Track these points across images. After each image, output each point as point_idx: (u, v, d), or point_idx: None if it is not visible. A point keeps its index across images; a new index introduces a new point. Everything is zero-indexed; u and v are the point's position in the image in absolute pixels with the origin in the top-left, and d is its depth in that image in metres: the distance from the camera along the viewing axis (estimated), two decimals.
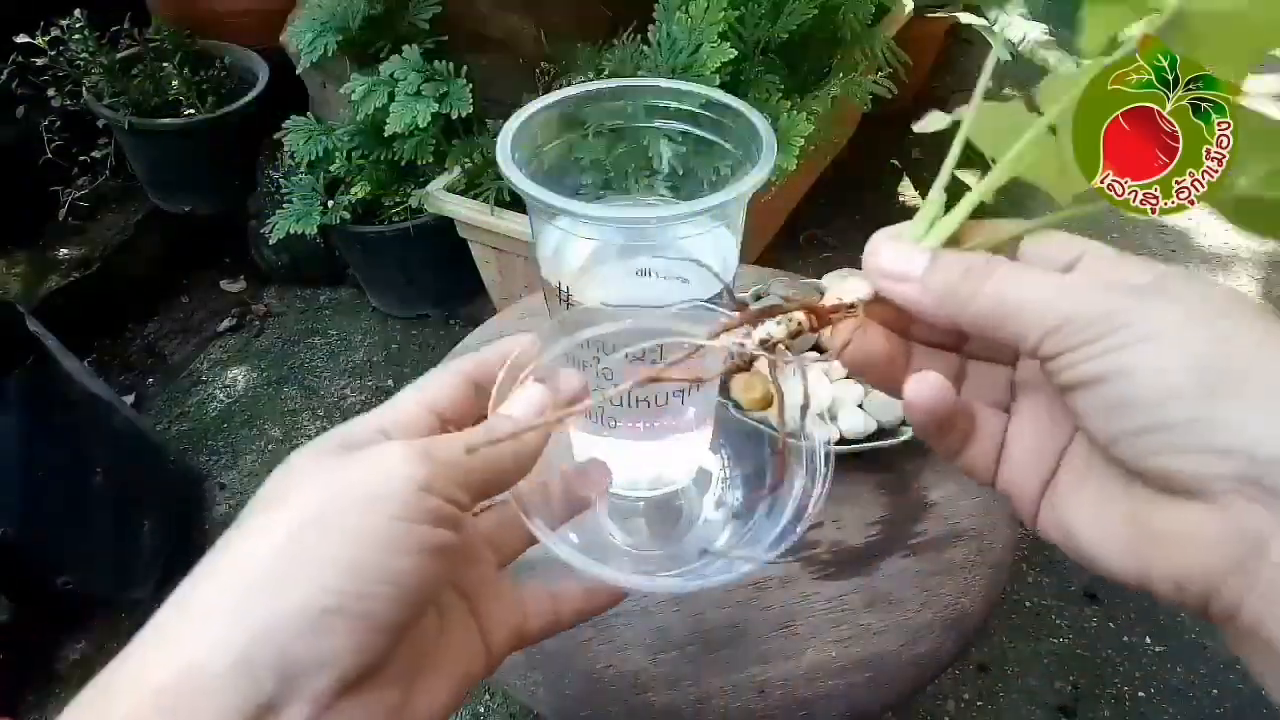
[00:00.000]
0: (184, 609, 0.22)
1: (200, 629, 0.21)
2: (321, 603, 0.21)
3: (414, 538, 0.23)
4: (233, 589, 0.22)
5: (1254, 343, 0.21)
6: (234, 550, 0.23)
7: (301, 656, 0.21)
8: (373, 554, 0.22)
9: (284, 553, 0.22)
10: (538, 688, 0.51)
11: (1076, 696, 1.05)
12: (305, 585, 0.22)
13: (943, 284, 0.25)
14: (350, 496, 0.23)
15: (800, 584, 0.54)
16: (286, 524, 0.23)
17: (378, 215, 1.33)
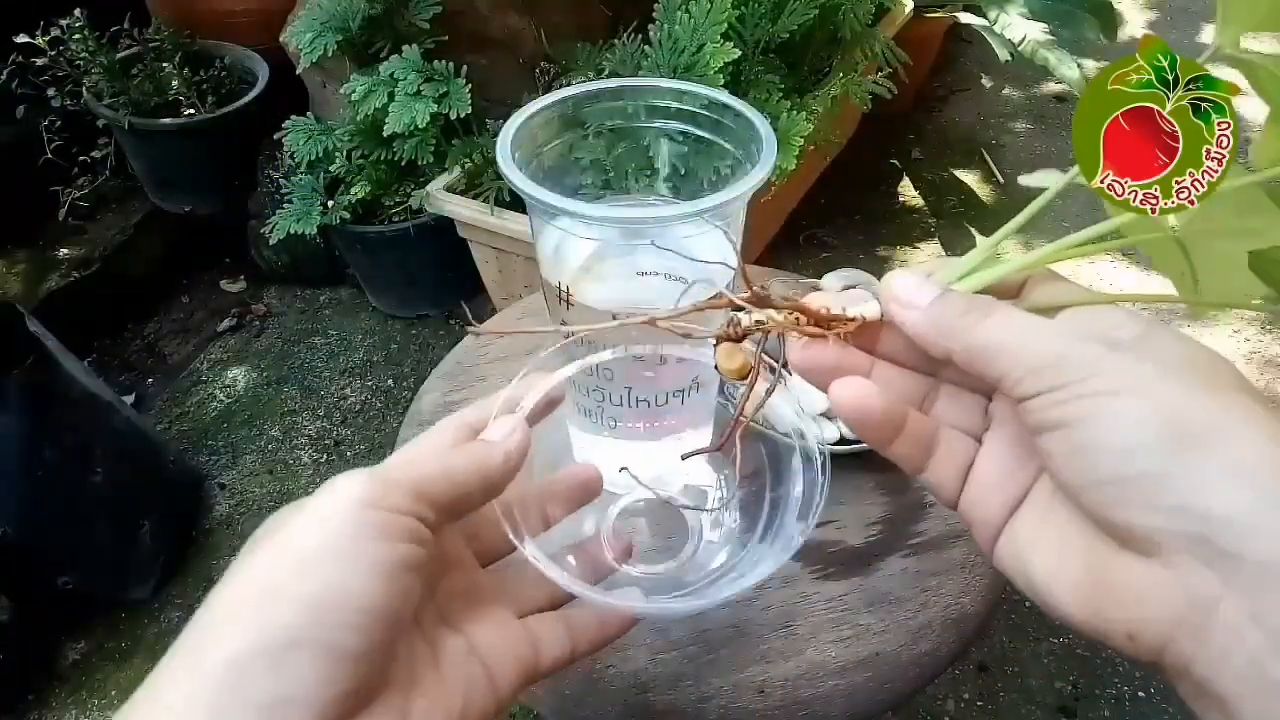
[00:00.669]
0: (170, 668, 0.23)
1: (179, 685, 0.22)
2: (284, 638, 0.22)
3: (367, 556, 0.24)
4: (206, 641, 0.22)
5: (1222, 405, 0.22)
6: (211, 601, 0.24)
7: (275, 695, 0.21)
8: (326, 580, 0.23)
9: (244, 597, 0.23)
10: (538, 688, 0.51)
11: (1076, 696, 1.05)
12: (266, 624, 0.22)
13: (944, 317, 0.26)
14: (304, 528, 0.24)
15: (800, 584, 0.54)
16: (252, 568, 0.23)
17: (378, 215, 1.33)
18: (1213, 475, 0.20)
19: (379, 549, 0.24)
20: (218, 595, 0.24)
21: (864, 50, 1.22)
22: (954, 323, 0.26)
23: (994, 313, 0.25)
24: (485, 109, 1.17)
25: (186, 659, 0.22)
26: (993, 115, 2.03)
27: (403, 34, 1.18)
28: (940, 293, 0.27)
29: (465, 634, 0.30)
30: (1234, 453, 0.21)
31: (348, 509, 0.24)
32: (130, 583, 1.13)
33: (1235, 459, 0.21)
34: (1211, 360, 0.23)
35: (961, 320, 0.26)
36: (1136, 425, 0.21)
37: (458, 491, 0.28)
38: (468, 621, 0.31)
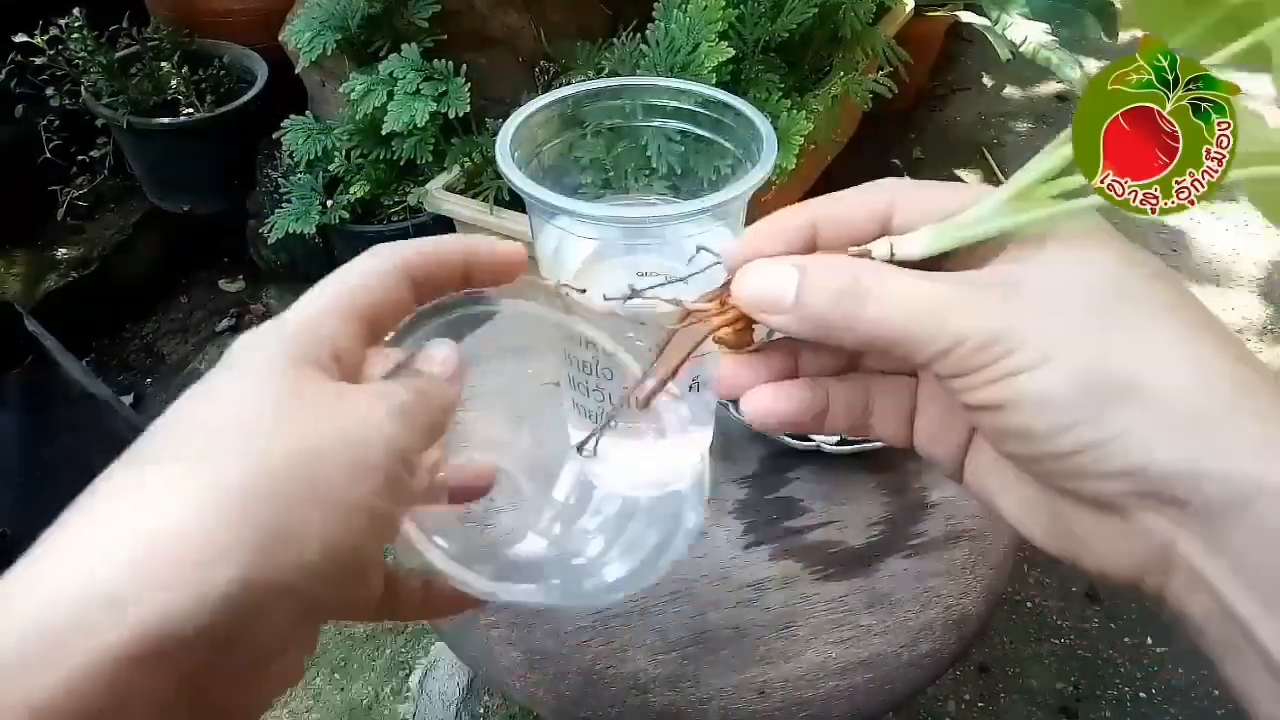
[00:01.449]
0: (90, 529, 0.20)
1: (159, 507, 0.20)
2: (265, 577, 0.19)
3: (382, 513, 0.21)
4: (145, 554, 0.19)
5: (1145, 344, 0.21)
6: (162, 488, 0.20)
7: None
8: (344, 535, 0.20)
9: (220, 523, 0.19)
10: (538, 688, 0.51)
11: (1077, 697, 1.05)
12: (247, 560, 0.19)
13: (816, 313, 0.23)
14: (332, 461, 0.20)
15: (801, 585, 0.54)
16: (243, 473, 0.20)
17: (377, 215, 1.33)
18: (1147, 431, 0.20)
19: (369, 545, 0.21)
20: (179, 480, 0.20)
21: (865, 49, 1.22)
22: (830, 319, 0.23)
23: (871, 293, 0.23)
24: (484, 108, 1.17)
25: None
26: (994, 115, 2.02)
27: (402, 33, 1.18)
28: (798, 278, 0.24)
29: None
30: (1162, 401, 0.20)
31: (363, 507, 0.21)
32: None
33: (1163, 408, 0.20)
34: (1120, 291, 0.22)
35: (837, 314, 0.23)
36: (1064, 400, 0.21)
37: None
38: None
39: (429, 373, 0.26)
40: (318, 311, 0.24)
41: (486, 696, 1.03)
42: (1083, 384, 0.21)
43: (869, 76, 1.19)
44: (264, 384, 0.21)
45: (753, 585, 0.53)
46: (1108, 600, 1.13)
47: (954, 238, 0.24)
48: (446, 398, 0.25)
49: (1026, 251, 0.23)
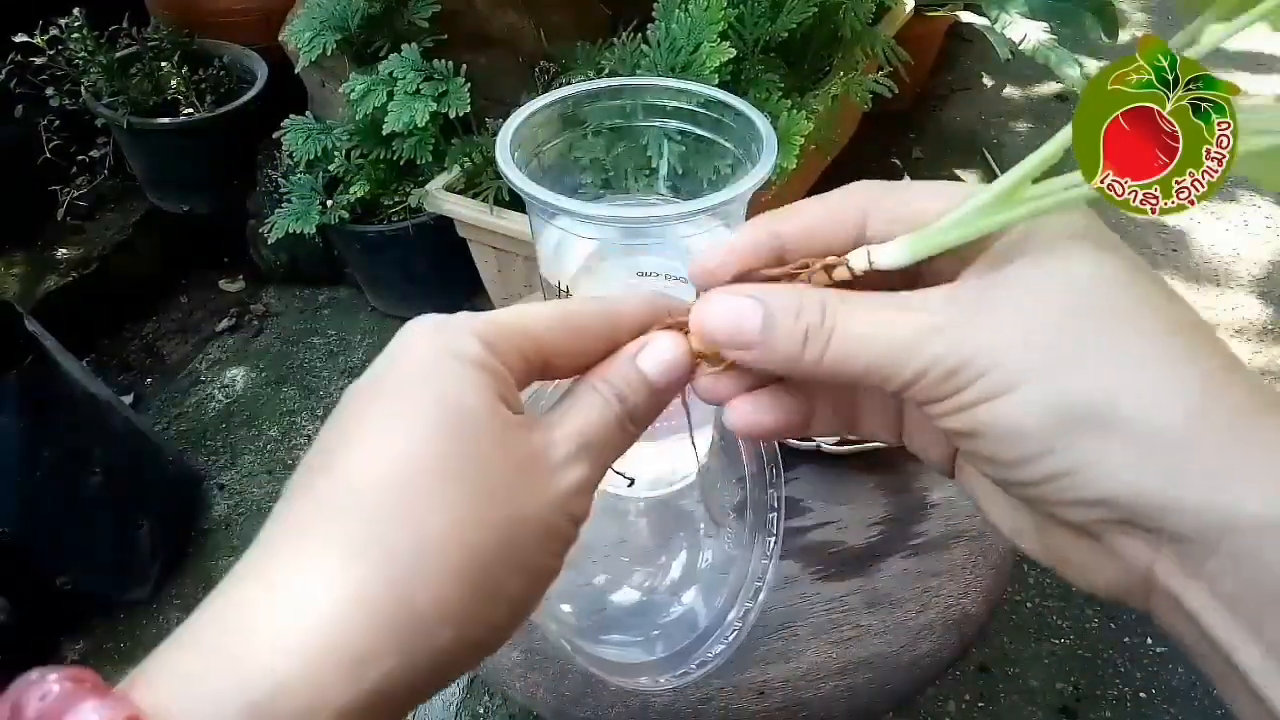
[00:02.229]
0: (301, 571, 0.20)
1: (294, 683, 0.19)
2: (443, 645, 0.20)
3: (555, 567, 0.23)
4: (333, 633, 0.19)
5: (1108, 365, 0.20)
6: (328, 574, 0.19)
7: (408, 698, 0.20)
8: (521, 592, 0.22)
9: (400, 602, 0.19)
10: (537, 689, 0.51)
11: (1078, 697, 1.05)
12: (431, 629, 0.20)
13: (785, 350, 0.23)
14: (518, 532, 0.21)
15: (800, 585, 0.54)
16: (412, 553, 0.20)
17: (377, 215, 1.33)
18: (1116, 460, 0.20)
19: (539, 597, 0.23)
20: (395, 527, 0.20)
21: (864, 49, 1.22)
22: (800, 355, 0.23)
23: (835, 331, 0.22)
24: (484, 108, 1.17)
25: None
26: (993, 114, 2.02)
27: (402, 33, 1.18)
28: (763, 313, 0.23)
29: None
30: (1130, 428, 0.20)
31: (545, 569, 0.23)
32: (129, 583, 1.13)
33: (1132, 436, 0.20)
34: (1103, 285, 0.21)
35: (807, 351, 0.23)
36: (1030, 430, 0.20)
37: None
38: None
39: (641, 380, 0.25)
40: (522, 330, 0.23)
41: (486, 697, 1.03)
42: (1049, 413, 0.20)
43: (869, 76, 1.19)
44: (464, 430, 0.21)
45: None
46: (1108, 601, 1.13)
47: (932, 244, 0.23)
48: (648, 416, 0.25)
49: (1001, 260, 0.22)
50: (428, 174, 1.20)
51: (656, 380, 0.24)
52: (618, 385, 0.24)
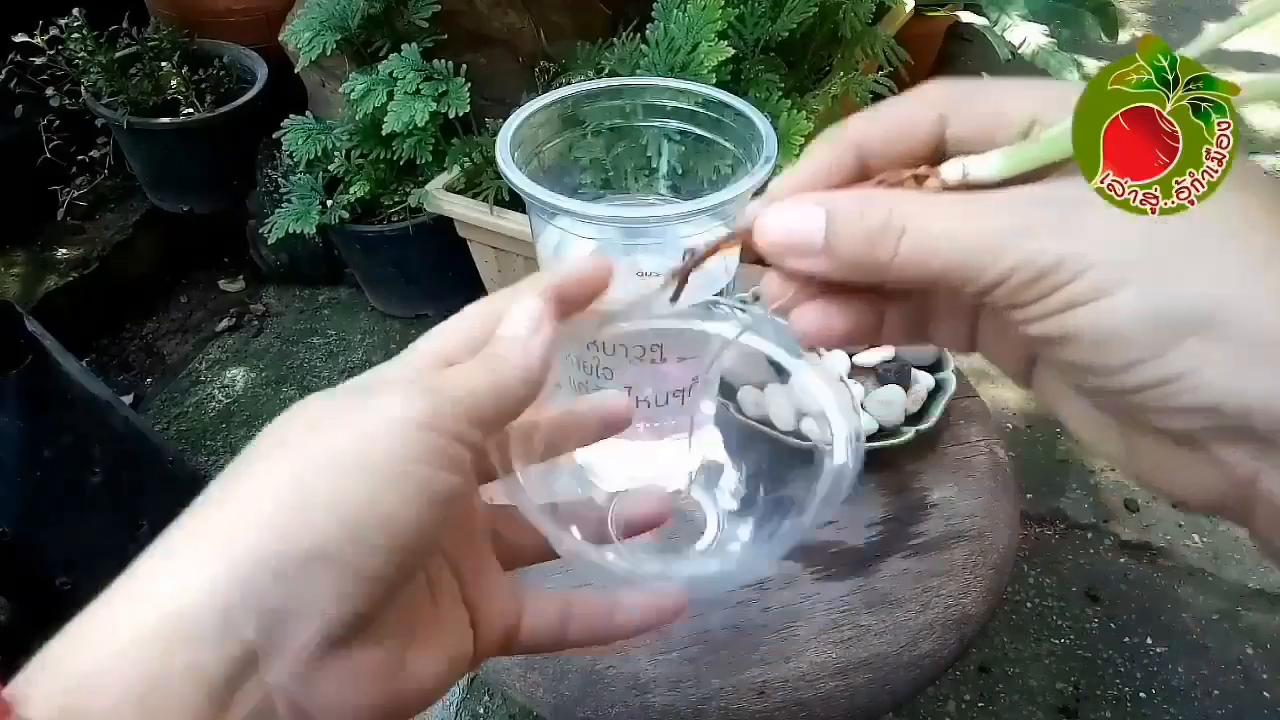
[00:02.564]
0: (169, 555, 0.21)
1: (184, 576, 0.20)
2: (308, 547, 0.20)
3: (413, 481, 0.22)
4: (220, 531, 0.21)
5: (1213, 267, 0.19)
6: (225, 494, 0.22)
7: (284, 604, 0.20)
8: (366, 498, 0.21)
9: (273, 496, 0.21)
10: (537, 689, 0.51)
11: (1077, 697, 1.05)
12: (292, 530, 0.20)
13: (849, 255, 0.22)
14: (347, 439, 0.22)
15: (800, 585, 0.54)
16: (280, 468, 0.22)
17: (377, 215, 1.33)
18: (1222, 365, 0.19)
19: (424, 476, 0.22)
20: (240, 483, 0.22)
21: (864, 49, 1.22)
22: (864, 261, 0.22)
23: (909, 225, 0.21)
24: (484, 108, 1.17)
25: (203, 543, 0.21)
26: None
27: (402, 33, 1.18)
28: (826, 217, 0.22)
29: (458, 573, 0.27)
30: (1237, 332, 0.19)
31: (398, 429, 0.22)
32: None
33: (1239, 339, 0.19)
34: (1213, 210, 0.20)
35: (875, 251, 0.21)
36: (1130, 334, 0.19)
37: (506, 409, 0.25)
38: (462, 558, 0.28)
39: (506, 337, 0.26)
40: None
41: (486, 697, 1.03)
42: (1150, 316, 0.19)
43: (869, 76, 1.19)
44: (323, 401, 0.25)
45: (753, 585, 0.54)
46: (1107, 600, 1.13)
47: (1032, 158, 0.21)
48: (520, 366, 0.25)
49: None
50: (428, 174, 1.20)
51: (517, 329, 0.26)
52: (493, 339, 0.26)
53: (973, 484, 0.59)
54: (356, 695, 0.22)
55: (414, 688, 0.24)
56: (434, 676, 0.25)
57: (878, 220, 0.21)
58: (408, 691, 0.24)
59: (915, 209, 0.21)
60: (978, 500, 0.58)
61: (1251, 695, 1.03)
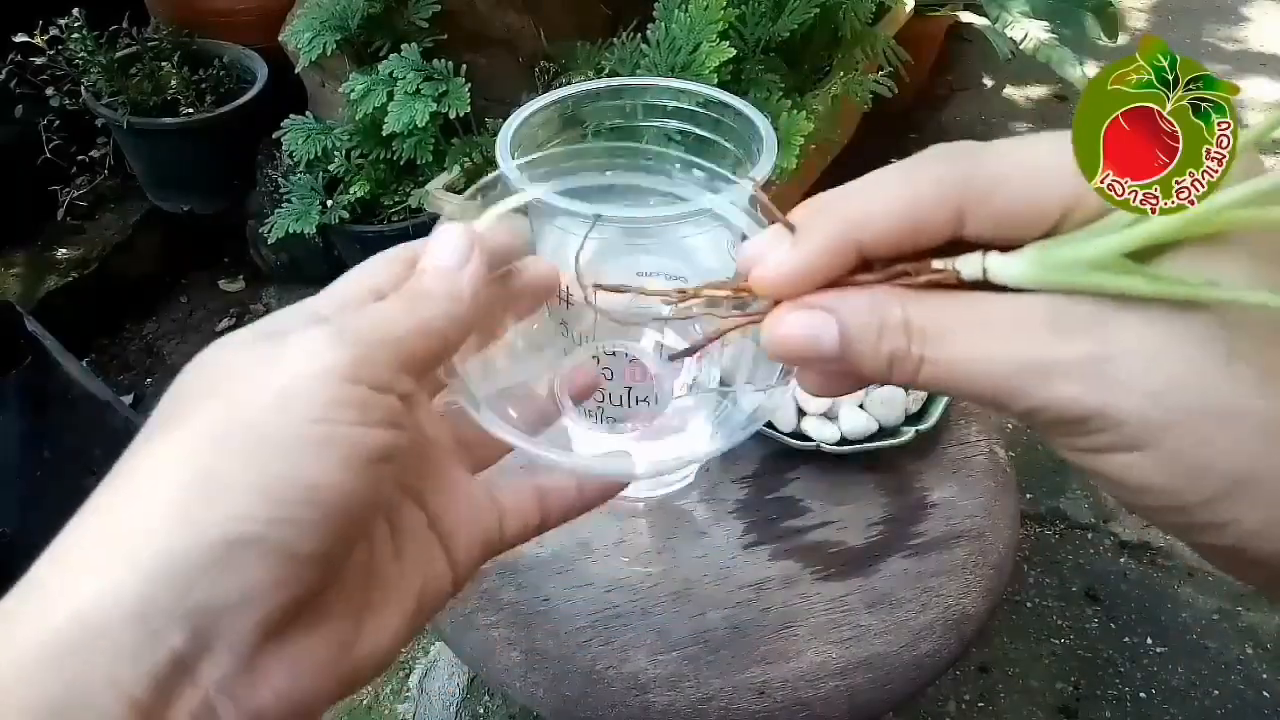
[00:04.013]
0: (66, 555, 0.18)
1: (87, 577, 0.18)
2: (228, 533, 0.18)
3: (342, 444, 0.19)
4: (122, 527, 0.18)
5: (1245, 427, 0.18)
6: (125, 479, 0.19)
7: (211, 599, 0.18)
8: (287, 469, 0.18)
9: (178, 478, 0.18)
10: (537, 689, 0.51)
11: (1078, 697, 1.05)
12: (207, 514, 0.18)
13: (870, 370, 0.21)
14: (259, 401, 0.19)
15: (800, 585, 0.54)
16: (185, 442, 0.19)
17: (377, 215, 1.33)
18: (1255, 525, 0.19)
19: (354, 436, 0.19)
20: (142, 463, 0.19)
21: (865, 49, 1.22)
22: (885, 377, 0.21)
23: (925, 355, 0.20)
24: (484, 108, 1.17)
25: (105, 543, 0.18)
26: (994, 115, 2.02)
27: (402, 33, 1.18)
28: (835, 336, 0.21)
29: (422, 503, 0.25)
30: (1270, 496, 0.18)
31: (318, 385, 0.19)
32: None
33: (1273, 504, 0.18)
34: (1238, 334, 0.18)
35: (893, 376, 0.21)
36: (1162, 489, 0.19)
37: (435, 348, 0.22)
38: (425, 485, 0.25)
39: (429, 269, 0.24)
40: None
41: (486, 696, 1.03)
42: (1183, 474, 0.19)
43: (869, 76, 1.19)
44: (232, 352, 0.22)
45: (753, 585, 0.53)
46: (1107, 600, 1.13)
47: (1065, 281, 0.19)
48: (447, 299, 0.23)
49: None
50: (428, 174, 1.20)
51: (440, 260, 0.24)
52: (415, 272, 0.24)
53: (973, 484, 0.59)
54: (306, 681, 0.20)
55: (369, 656, 0.22)
56: (399, 627, 0.23)
57: (896, 345, 0.20)
58: (363, 662, 0.22)
59: (933, 330, 0.20)
60: (978, 500, 0.58)
61: (1251, 695, 1.03)
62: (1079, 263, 0.19)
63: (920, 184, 0.21)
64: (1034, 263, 0.20)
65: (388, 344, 0.21)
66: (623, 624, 0.52)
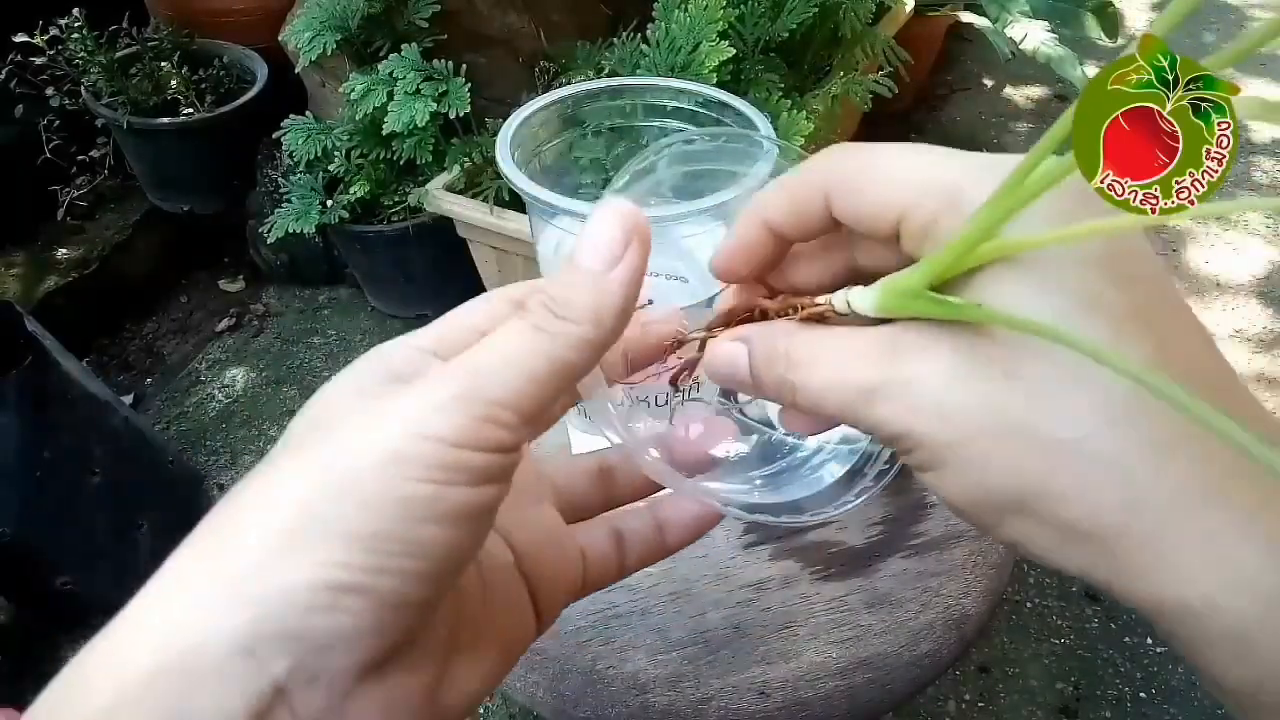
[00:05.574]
0: (179, 583, 0.19)
1: (197, 607, 0.18)
2: (334, 578, 0.18)
3: (448, 503, 0.19)
4: (235, 561, 0.19)
5: (1040, 449, 0.19)
6: (241, 513, 0.19)
7: (314, 638, 0.18)
8: (393, 524, 0.19)
9: (293, 520, 0.19)
10: (537, 689, 0.51)
11: (1077, 697, 1.05)
12: (316, 557, 0.18)
13: (771, 394, 0.23)
14: (371, 457, 0.19)
15: (801, 585, 0.54)
16: (300, 484, 0.19)
17: (377, 214, 1.33)
18: (1044, 543, 0.20)
19: (462, 496, 0.19)
20: (254, 498, 0.20)
21: (864, 49, 1.22)
22: (777, 396, 0.23)
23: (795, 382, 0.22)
24: (484, 108, 1.17)
25: (214, 575, 0.19)
26: (994, 115, 2.02)
27: (402, 33, 1.18)
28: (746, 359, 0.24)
29: (510, 541, 0.25)
30: (1053, 515, 0.19)
31: (429, 448, 0.19)
32: (129, 583, 1.12)
33: (1056, 522, 0.19)
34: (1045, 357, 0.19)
35: (783, 398, 0.23)
36: (962, 505, 0.21)
37: (569, 384, 0.21)
38: (512, 524, 0.25)
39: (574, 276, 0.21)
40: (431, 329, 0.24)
41: (486, 696, 1.03)
42: (975, 494, 0.20)
43: (869, 76, 1.19)
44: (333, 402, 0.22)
45: (753, 585, 0.53)
46: (1107, 600, 1.13)
47: (900, 309, 0.21)
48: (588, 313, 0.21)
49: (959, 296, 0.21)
50: (428, 174, 1.20)
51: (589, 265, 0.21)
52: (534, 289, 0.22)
53: None
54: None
55: (457, 698, 0.22)
56: (485, 673, 0.23)
57: (778, 371, 0.23)
58: (451, 705, 0.22)
59: (804, 359, 0.22)
60: None
61: None
62: (907, 291, 0.21)
63: (804, 173, 0.23)
64: (881, 292, 0.22)
65: (507, 404, 0.20)
66: (622, 624, 0.52)
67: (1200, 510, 0.18)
